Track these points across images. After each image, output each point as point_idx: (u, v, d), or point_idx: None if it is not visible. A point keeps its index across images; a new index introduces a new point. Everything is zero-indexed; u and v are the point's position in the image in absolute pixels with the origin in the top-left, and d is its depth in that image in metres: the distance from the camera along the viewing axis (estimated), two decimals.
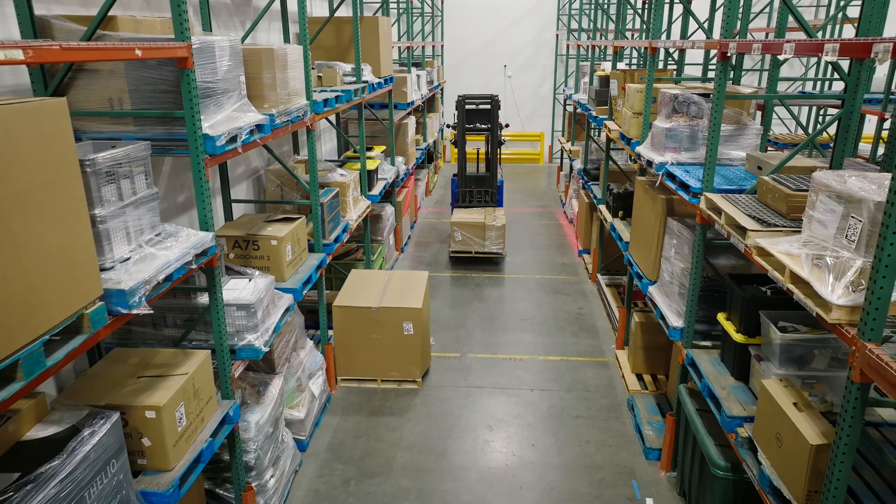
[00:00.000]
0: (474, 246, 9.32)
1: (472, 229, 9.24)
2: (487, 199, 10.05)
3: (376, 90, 7.60)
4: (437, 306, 7.94)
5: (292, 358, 5.22)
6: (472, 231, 9.25)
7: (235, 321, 3.92)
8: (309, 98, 5.12)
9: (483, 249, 9.31)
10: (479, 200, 10.07)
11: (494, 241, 9.27)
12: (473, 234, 9.25)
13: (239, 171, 6.41)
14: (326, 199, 5.83)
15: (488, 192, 10.02)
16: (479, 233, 9.25)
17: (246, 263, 4.82)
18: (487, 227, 9.21)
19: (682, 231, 4.74)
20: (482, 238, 9.26)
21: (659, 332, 5.86)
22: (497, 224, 9.25)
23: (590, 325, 7.45)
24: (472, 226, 9.24)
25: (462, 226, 9.23)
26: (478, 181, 10.05)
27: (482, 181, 10.05)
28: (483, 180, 10.04)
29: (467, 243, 9.31)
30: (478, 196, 10.05)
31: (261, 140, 3.99)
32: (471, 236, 9.26)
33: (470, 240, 9.28)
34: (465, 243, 9.31)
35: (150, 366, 3.33)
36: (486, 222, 9.25)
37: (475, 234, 9.25)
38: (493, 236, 9.24)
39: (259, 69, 4.29)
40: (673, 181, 4.86)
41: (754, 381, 3.77)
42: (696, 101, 5.08)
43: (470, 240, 9.28)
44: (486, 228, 9.21)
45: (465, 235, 9.25)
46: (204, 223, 3.41)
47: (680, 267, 4.72)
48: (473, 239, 9.28)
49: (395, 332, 5.93)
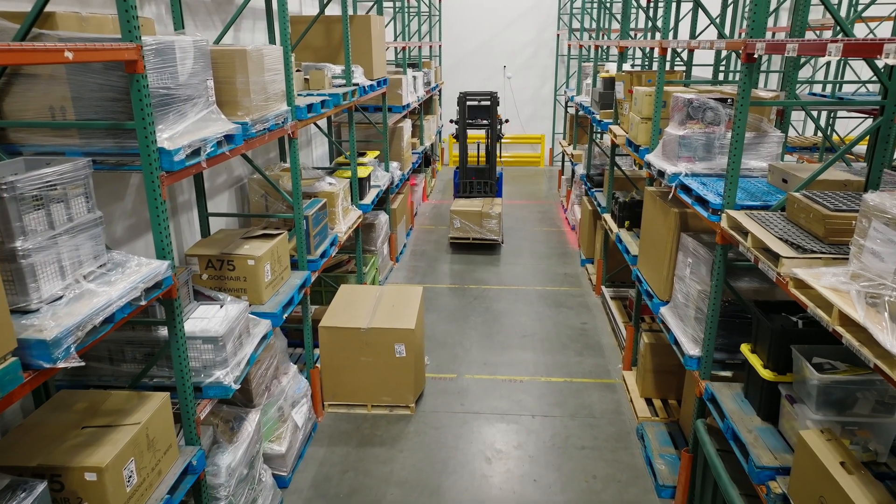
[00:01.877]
0: (472, 232, 9.89)
1: (470, 217, 9.84)
2: (487, 189, 10.72)
3: (368, 93, 7.18)
4: (433, 321, 7.52)
5: (273, 386, 4.80)
6: (470, 218, 9.84)
7: (202, 355, 3.50)
8: (290, 103, 4.69)
9: (480, 236, 9.89)
10: (478, 191, 10.75)
11: (491, 228, 9.84)
12: (471, 222, 9.84)
13: (219, 180, 5.99)
14: (312, 211, 5.41)
15: (487, 184, 10.72)
16: (476, 220, 9.83)
17: (220, 285, 4.40)
18: (484, 214, 9.80)
19: (698, 250, 4.32)
20: (479, 225, 9.84)
21: (670, 354, 5.44)
22: (494, 212, 9.81)
23: (594, 341, 7.03)
24: (470, 213, 9.83)
25: (461, 213, 9.84)
26: (478, 173, 10.75)
27: (482, 173, 10.74)
28: (483, 172, 10.73)
29: (466, 230, 9.89)
30: (478, 187, 10.73)
31: (231, 152, 3.56)
32: (469, 223, 9.85)
33: (468, 227, 9.86)
34: (463, 230, 9.90)
35: (99, 413, 2.92)
36: (484, 210, 9.82)
37: (473, 221, 9.84)
38: (490, 224, 9.83)
39: (231, 72, 3.87)
40: (688, 194, 4.44)
41: (784, 424, 3.35)
42: (712, 106, 4.66)
43: (468, 227, 9.86)
44: (482, 216, 9.81)
45: (463, 223, 9.85)
46: (160, 250, 2.99)
47: (696, 289, 4.29)
48: (471, 226, 9.86)
49: (386, 354, 5.51)
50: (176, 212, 5.12)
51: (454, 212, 9.81)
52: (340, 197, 6.35)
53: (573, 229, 11.12)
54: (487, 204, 10.12)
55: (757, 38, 3.37)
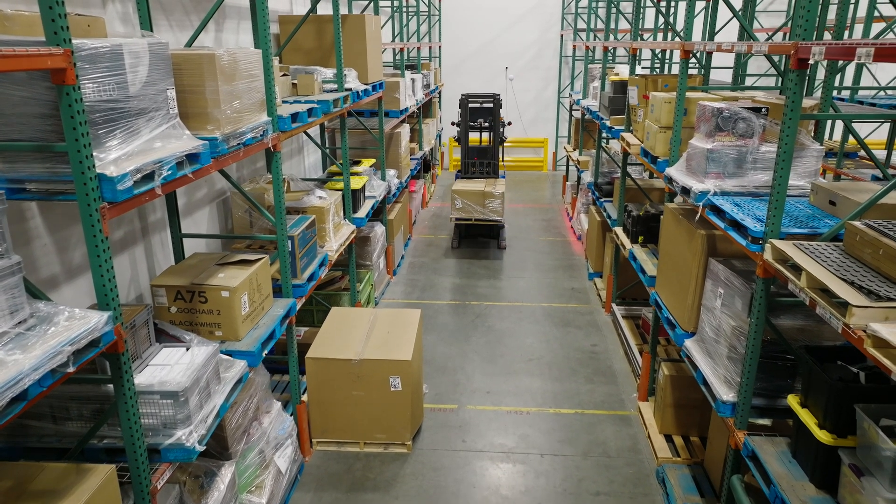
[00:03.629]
0: (474, 213, 9.56)
1: (472, 197, 9.51)
2: (489, 170, 10.43)
3: (362, 98, 6.67)
4: (432, 342, 7.02)
5: (252, 429, 4.30)
6: (471, 199, 9.51)
7: (161, 411, 2.99)
8: (272, 113, 4.19)
9: (482, 216, 9.56)
10: (480, 172, 10.43)
11: (494, 209, 9.51)
12: (473, 202, 9.51)
13: (199, 194, 5.49)
14: (298, 230, 4.91)
15: (490, 164, 10.40)
16: (478, 200, 9.51)
17: (191, 319, 3.89)
18: (487, 194, 9.48)
19: (731, 280, 3.82)
20: (482, 206, 9.52)
21: (692, 386, 4.94)
22: (497, 192, 9.48)
23: (606, 366, 6.52)
24: (472, 193, 9.51)
25: (463, 193, 9.52)
26: (480, 153, 10.39)
27: (484, 152, 10.40)
28: (485, 151, 10.40)
29: (468, 210, 9.56)
30: (480, 167, 10.42)
31: (195, 174, 3.06)
32: (471, 204, 9.52)
33: (470, 207, 9.54)
34: (465, 210, 9.57)
35: (25, 495, 2.41)
36: (486, 190, 9.51)
37: (475, 201, 9.51)
38: (493, 204, 9.50)
39: (199, 80, 3.36)
40: (719, 216, 3.94)
41: (846, 496, 2.85)
42: (745, 116, 4.15)
43: (470, 207, 9.54)
44: (485, 196, 9.49)
45: (465, 203, 9.53)
46: (102, 297, 2.48)
47: (730, 324, 3.79)
48: (473, 206, 9.53)
49: (380, 388, 5.01)
50: (147, 232, 4.61)
51: (455, 191, 9.52)
52: (331, 212, 5.85)
53: (579, 239, 10.61)
54: (490, 184, 9.82)
55: (812, 41, 2.86)
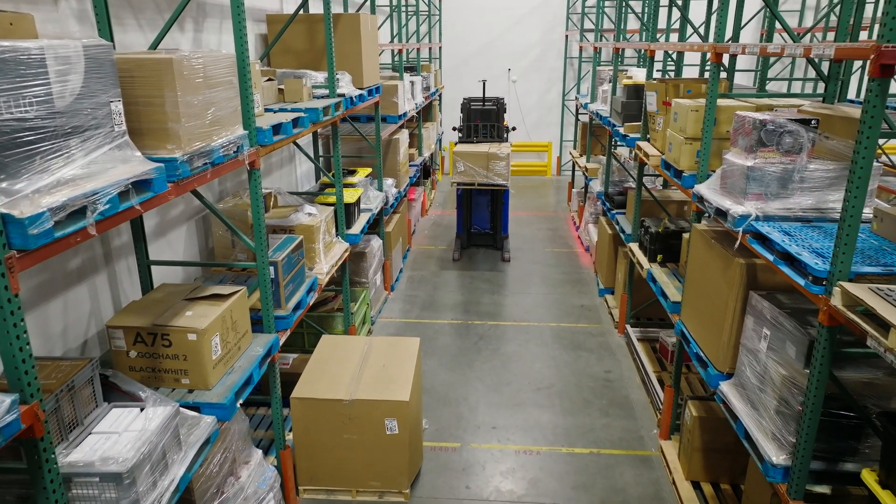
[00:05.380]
0: (478, 177, 8.93)
1: (475, 159, 8.86)
2: (493, 133, 9.76)
3: (357, 104, 6.14)
4: (433, 367, 6.48)
5: (227, 486, 3.77)
6: (475, 161, 8.87)
7: (103, 494, 2.46)
8: (249, 125, 3.66)
9: (486, 180, 8.93)
10: (483, 135, 9.76)
11: (499, 172, 8.89)
12: (477, 165, 8.88)
13: (175, 212, 4.95)
14: (283, 254, 4.37)
15: (494, 127, 9.74)
16: (483, 162, 8.87)
17: (154, 365, 3.36)
18: (492, 156, 8.84)
19: (779, 321, 3.29)
20: (486, 168, 8.89)
21: (725, 429, 4.40)
22: (502, 153, 8.86)
23: (622, 396, 5.99)
24: (475, 156, 8.86)
25: (465, 156, 8.89)
26: (483, 115, 9.69)
27: (487, 114, 9.69)
28: (489, 114, 9.69)
29: (470, 174, 8.94)
30: (483, 130, 9.75)
31: (146, 205, 2.52)
32: (474, 167, 8.90)
33: (473, 170, 8.91)
34: (467, 174, 8.95)
35: None
36: (491, 151, 8.89)
37: (479, 164, 8.88)
38: (498, 167, 8.88)
39: (156, 90, 2.83)
40: (765, 246, 3.41)
41: None
42: (792, 129, 3.62)
43: (473, 170, 8.91)
44: (489, 158, 8.84)
45: (467, 166, 8.91)
46: (12, 372, 1.95)
47: (779, 373, 3.25)
48: (477, 169, 8.90)
49: (374, 430, 4.48)
50: (110, 259, 4.08)
51: (457, 153, 8.93)
52: (322, 230, 5.31)
53: (587, 250, 10.08)
54: (495, 146, 9.19)
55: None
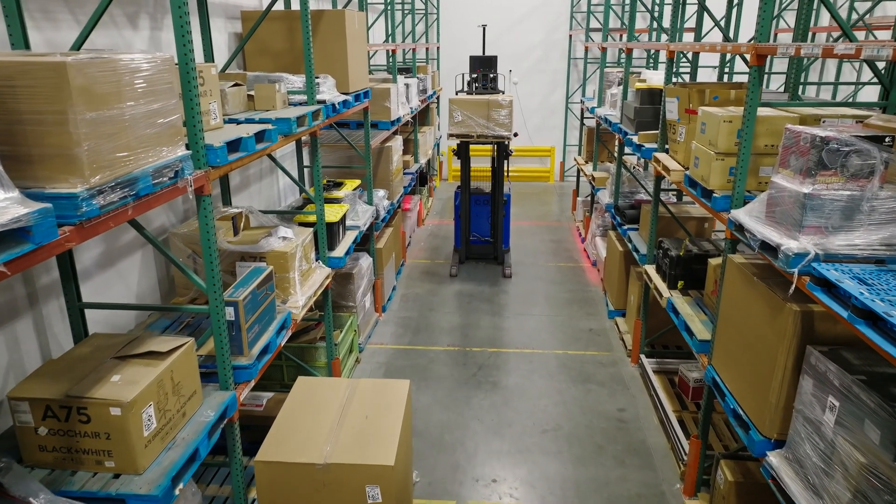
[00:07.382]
0: (476, 128, 8.25)
1: (474, 107, 8.16)
2: (493, 87, 9.17)
3: (340, 111, 5.47)
4: (426, 405, 5.81)
5: None
6: (474, 109, 8.17)
7: None
8: (195, 143, 2.99)
9: (485, 132, 8.23)
10: (483, 87, 9.15)
11: (501, 122, 8.21)
12: (475, 114, 8.20)
13: (126, 238, 4.29)
14: (246, 291, 3.71)
15: (493, 79, 9.18)
16: (482, 111, 8.20)
17: (70, 445, 2.69)
18: (493, 104, 8.16)
19: (853, 392, 2.62)
20: (486, 118, 8.21)
21: (766, 496, 3.74)
22: (503, 101, 8.18)
23: (638, 441, 5.32)
24: (473, 104, 8.15)
25: (462, 104, 8.20)
26: (483, 63, 9.11)
27: (487, 62, 9.11)
28: (489, 62, 9.12)
29: (467, 125, 8.26)
30: (482, 82, 9.15)
31: (14, 265, 1.85)
32: (472, 116, 8.21)
33: (471, 120, 8.24)
34: (464, 125, 8.27)
35: None
36: (491, 99, 8.20)
37: (478, 113, 8.20)
38: (500, 116, 8.20)
39: (50, 103, 2.15)
40: (832, 295, 2.74)
41: None
42: (860, 148, 2.96)
43: (471, 120, 8.24)
44: (490, 106, 8.16)
45: (465, 115, 8.23)
46: None
47: (856, 459, 2.58)
48: (475, 119, 8.22)
49: (353, 499, 3.80)
50: (36, 300, 3.41)
51: (454, 101, 8.21)
52: (297, 257, 4.65)
53: (594, 265, 9.41)
54: (495, 96, 8.52)
55: None
